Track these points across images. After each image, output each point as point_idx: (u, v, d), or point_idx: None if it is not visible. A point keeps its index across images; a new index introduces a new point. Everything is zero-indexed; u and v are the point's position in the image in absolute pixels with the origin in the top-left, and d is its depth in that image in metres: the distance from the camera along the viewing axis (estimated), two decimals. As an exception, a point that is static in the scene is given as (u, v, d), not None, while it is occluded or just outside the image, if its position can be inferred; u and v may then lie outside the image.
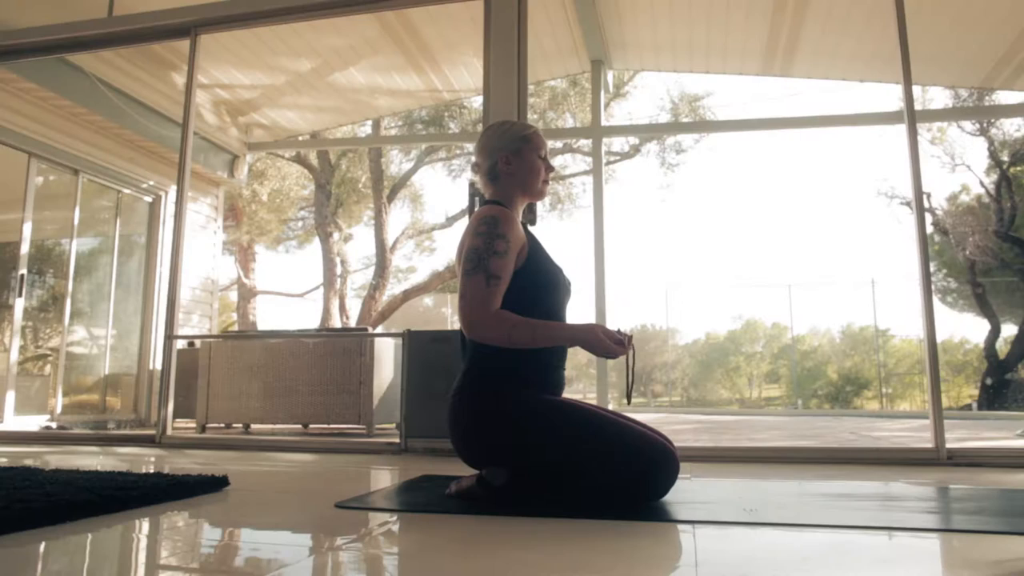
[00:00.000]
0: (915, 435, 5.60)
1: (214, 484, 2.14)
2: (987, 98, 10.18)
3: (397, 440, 3.30)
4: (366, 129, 10.67)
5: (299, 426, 5.64)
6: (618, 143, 11.15)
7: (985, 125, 11.46)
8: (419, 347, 3.28)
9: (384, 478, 2.63)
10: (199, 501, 1.97)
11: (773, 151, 26.60)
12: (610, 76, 8.40)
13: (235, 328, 12.40)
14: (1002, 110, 10.12)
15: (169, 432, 3.67)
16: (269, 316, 13.93)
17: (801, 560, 1.37)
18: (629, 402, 2.00)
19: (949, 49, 5.88)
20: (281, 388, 5.34)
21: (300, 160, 10.24)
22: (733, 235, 25.28)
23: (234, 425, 5.70)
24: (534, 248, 2.04)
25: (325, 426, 5.64)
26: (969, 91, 10.03)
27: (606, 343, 1.86)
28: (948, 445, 2.83)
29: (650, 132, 11.39)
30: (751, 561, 1.34)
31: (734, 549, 1.43)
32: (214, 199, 7.09)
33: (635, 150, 11.04)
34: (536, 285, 2.00)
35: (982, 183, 12.31)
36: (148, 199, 6.53)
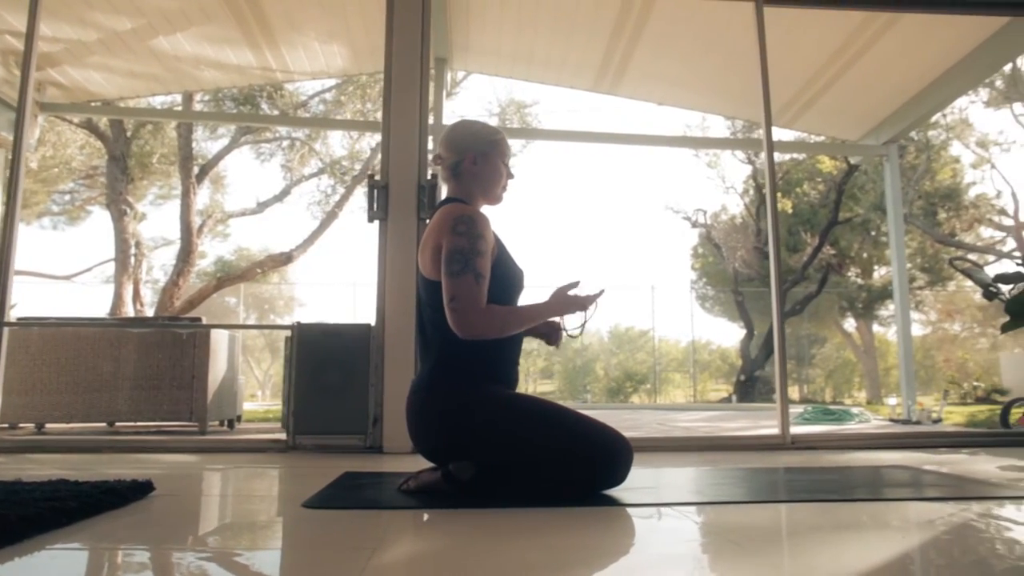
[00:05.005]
0: (711, 424, 6.39)
1: (141, 490, 1.93)
2: (755, 131, 11.76)
3: (283, 437, 3.13)
4: (162, 100, 9.71)
5: (103, 424, 5.03)
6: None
7: (751, 156, 13.21)
8: (309, 341, 3.15)
9: (299, 476, 2.50)
10: (136, 509, 1.78)
11: (582, 163, 28.74)
12: (447, 76, 8.47)
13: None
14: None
15: (-5, 435, 3.14)
16: (27, 300, 12.16)
17: (795, 526, 1.59)
18: (581, 334, 2.17)
19: (743, 89, 6.74)
20: (93, 382, 4.76)
21: (90, 127, 9.03)
22: (540, 238, 26.80)
23: (22, 425, 4.97)
24: (501, 248, 2.10)
25: (134, 424, 5.07)
26: (744, 123, 11.50)
27: (580, 297, 2.07)
28: (791, 431, 3.32)
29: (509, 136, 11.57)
30: (763, 531, 1.53)
31: (736, 523, 1.62)
32: (-8, 163, 6.08)
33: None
34: (506, 283, 2.06)
35: (746, 205, 14.18)
36: (-91, 157, 5.45)
